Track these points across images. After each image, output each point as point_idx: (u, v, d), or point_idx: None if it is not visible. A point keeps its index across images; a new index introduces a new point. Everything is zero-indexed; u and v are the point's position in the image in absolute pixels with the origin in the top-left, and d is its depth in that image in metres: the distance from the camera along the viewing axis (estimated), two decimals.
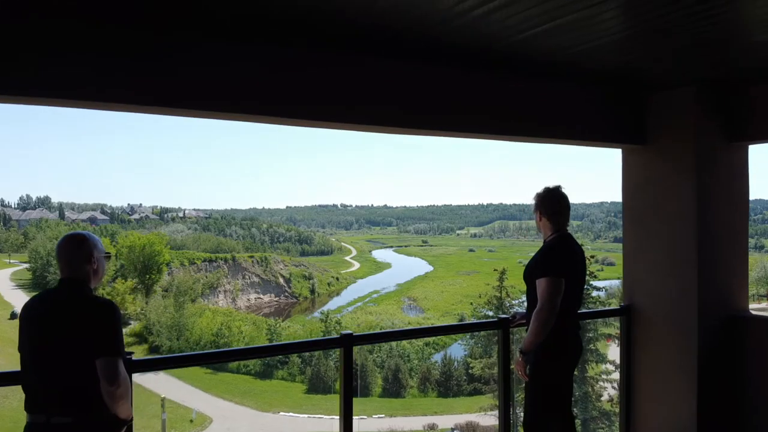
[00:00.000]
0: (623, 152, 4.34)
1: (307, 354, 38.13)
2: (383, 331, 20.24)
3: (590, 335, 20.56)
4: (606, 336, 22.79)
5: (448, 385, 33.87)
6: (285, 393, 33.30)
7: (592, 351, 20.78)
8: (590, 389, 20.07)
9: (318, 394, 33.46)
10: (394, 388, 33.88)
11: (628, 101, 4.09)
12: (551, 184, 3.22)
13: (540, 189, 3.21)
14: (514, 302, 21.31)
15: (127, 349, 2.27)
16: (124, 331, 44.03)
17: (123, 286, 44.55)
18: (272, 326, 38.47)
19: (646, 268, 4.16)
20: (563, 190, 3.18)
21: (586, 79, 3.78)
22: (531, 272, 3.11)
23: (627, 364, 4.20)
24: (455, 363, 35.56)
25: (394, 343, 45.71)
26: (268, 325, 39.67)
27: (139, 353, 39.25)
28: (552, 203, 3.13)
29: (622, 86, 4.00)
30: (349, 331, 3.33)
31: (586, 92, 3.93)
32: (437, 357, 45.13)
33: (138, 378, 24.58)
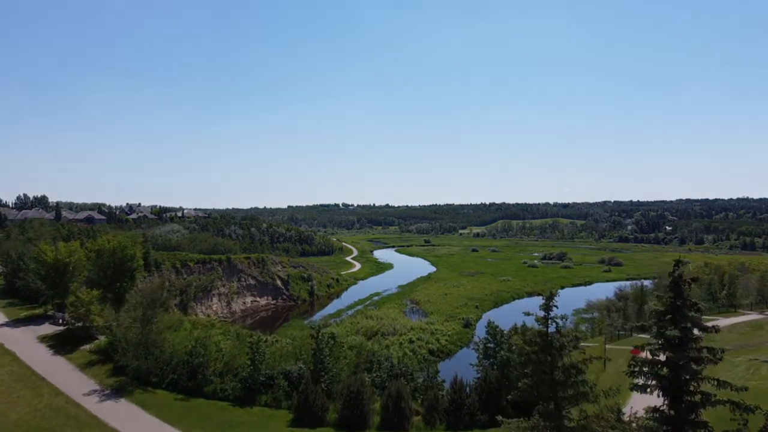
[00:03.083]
0: None
1: (295, 374, 33.04)
2: None
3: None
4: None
5: (458, 416, 28.70)
6: (266, 425, 28.17)
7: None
8: None
9: (305, 427, 28.17)
10: (395, 419, 28.66)
11: None
12: None
13: None
14: (565, 341, 15.30)
15: (87, 369, 0.94)
16: (88, 347, 38.87)
17: (87, 296, 39.20)
18: (255, 343, 32.97)
19: None
20: None
21: None
22: None
23: None
24: (467, 388, 30.32)
25: (395, 360, 40.62)
26: (251, 340, 34.11)
27: (101, 375, 34.22)
28: None
29: None
30: None
31: None
32: (444, 373, 40.01)
33: (95, 406, 19.08)
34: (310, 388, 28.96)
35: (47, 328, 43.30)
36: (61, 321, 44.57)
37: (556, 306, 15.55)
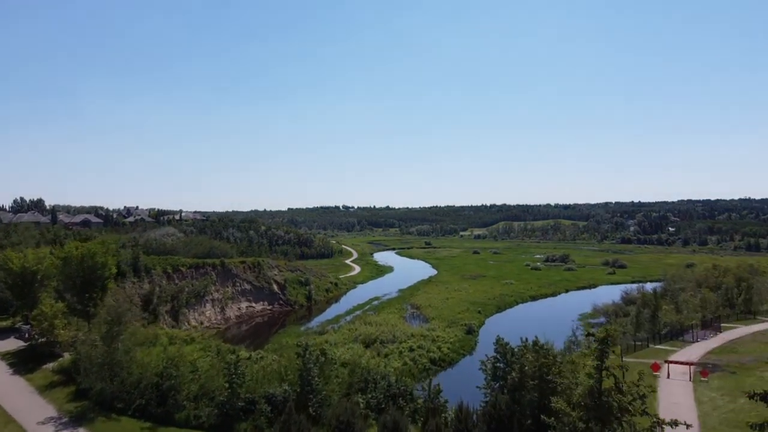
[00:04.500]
0: None
1: (280, 398, 29.37)
2: None
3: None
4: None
5: None
6: None
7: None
8: None
9: None
10: None
11: None
12: None
13: None
14: (626, 401, 10.81)
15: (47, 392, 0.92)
16: (51, 366, 35.22)
17: (51, 309, 35.45)
18: (233, 363, 29.11)
19: None
20: None
21: None
22: None
23: None
24: (473, 415, 26.65)
25: (393, 378, 36.85)
26: (229, 359, 30.19)
27: (61, 399, 30.57)
28: None
29: None
30: None
31: None
32: (446, 385, 36.32)
33: None
34: (293, 417, 25.18)
35: (11, 343, 39.62)
36: (26, 335, 40.92)
37: (612, 351, 11.60)
